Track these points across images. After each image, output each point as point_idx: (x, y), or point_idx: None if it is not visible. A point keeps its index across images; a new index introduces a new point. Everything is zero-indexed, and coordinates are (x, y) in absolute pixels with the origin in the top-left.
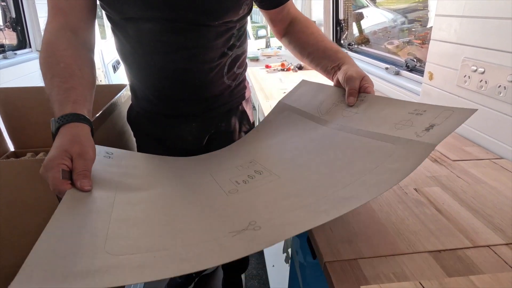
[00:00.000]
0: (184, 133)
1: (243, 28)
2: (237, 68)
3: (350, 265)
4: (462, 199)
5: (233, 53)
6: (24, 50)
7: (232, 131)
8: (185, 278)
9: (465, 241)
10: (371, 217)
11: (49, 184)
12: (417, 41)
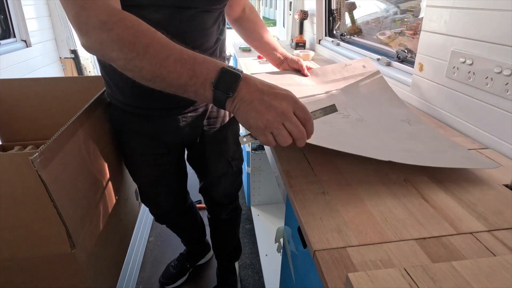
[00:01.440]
0: (181, 124)
1: (223, 12)
2: (223, 52)
3: (339, 253)
4: (448, 188)
5: (222, 37)
6: (8, 40)
7: (223, 116)
8: (179, 269)
9: (450, 229)
10: (360, 206)
11: (281, 117)
12: (409, 31)
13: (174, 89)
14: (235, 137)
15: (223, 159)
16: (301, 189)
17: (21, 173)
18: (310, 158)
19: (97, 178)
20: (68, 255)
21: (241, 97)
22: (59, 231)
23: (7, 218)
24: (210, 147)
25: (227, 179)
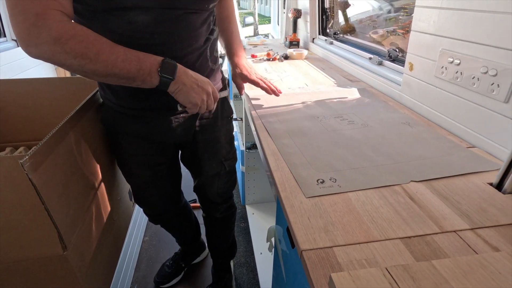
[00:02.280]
0: (173, 125)
1: (214, 11)
2: (215, 52)
3: (326, 253)
4: (434, 186)
5: (213, 37)
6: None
7: (216, 117)
8: (174, 268)
9: (434, 227)
10: (347, 206)
11: (206, 96)
12: (401, 30)
13: (124, 81)
14: (228, 137)
15: (216, 159)
16: (291, 190)
17: (11, 176)
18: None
19: (89, 180)
20: (60, 257)
21: (182, 81)
22: (51, 233)
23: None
24: (203, 147)
25: (221, 179)
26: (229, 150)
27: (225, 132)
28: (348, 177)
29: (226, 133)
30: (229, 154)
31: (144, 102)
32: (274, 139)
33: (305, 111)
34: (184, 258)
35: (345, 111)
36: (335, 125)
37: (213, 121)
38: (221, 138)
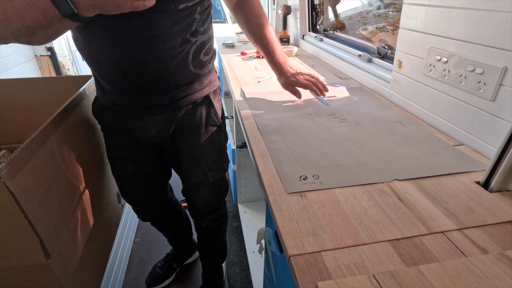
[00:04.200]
0: (148, 125)
1: (206, 12)
2: (203, 56)
3: (314, 258)
4: (422, 186)
5: (197, 39)
6: None
7: (198, 124)
8: (166, 269)
9: (422, 228)
10: (336, 208)
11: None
12: (390, 27)
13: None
14: (214, 147)
15: (198, 168)
16: (279, 193)
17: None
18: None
19: (73, 184)
20: (43, 266)
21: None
22: (32, 242)
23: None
24: (184, 154)
25: (205, 189)
26: (215, 160)
27: (211, 141)
28: (331, 174)
29: (211, 142)
30: (215, 165)
31: (124, 98)
32: (264, 136)
33: (296, 110)
34: (175, 258)
35: (338, 109)
36: (326, 123)
37: (194, 128)
38: (205, 147)
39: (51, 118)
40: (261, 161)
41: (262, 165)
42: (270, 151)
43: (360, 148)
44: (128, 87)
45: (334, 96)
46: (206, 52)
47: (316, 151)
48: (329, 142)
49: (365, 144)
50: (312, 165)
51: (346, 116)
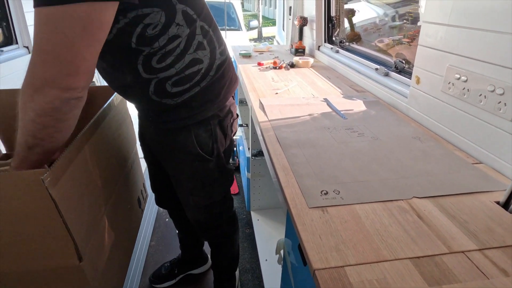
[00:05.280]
0: (146, 132)
1: (164, 50)
2: (172, 87)
3: (338, 272)
4: (442, 205)
5: (157, 75)
6: (11, 47)
7: (174, 149)
8: (169, 272)
9: (442, 247)
10: (357, 224)
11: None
12: (407, 39)
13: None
14: (197, 175)
15: (181, 189)
16: (302, 207)
17: (32, 191)
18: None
19: (102, 191)
20: (75, 268)
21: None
22: (67, 244)
23: (17, 232)
24: (169, 171)
25: (191, 209)
26: (198, 188)
27: (193, 169)
28: (351, 190)
29: (194, 170)
30: (198, 191)
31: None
32: (284, 149)
33: (315, 123)
34: (179, 264)
35: (356, 123)
36: (344, 137)
37: (172, 152)
38: (186, 172)
39: (85, 128)
40: (282, 174)
41: (284, 179)
42: (291, 164)
43: (378, 164)
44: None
45: (351, 109)
46: (176, 83)
47: (335, 166)
48: (348, 157)
49: (384, 160)
50: (332, 180)
51: (364, 130)
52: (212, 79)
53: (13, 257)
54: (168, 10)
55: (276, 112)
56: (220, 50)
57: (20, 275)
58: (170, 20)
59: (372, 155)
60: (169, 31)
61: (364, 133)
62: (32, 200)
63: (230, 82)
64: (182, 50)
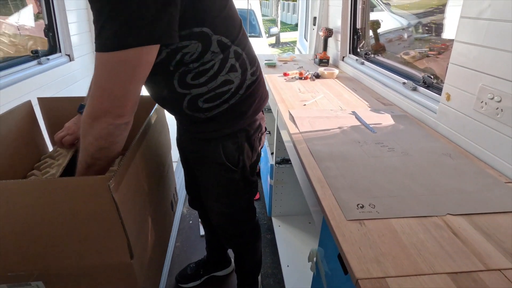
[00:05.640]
0: (183, 139)
1: (198, 70)
2: (203, 103)
3: (379, 283)
4: (476, 223)
5: (191, 91)
6: (55, 55)
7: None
8: (194, 272)
9: (479, 264)
10: (394, 238)
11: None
12: (433, 52)
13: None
14: (222, 183)
15: (207, 194)
16: (340, 219)
17: (98, 194)
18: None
19: (147, 194)
20: (127, 265)
21: None
22: (122, 243)
23: (80, 231)
24: (199, 177)
25: (215, 216)
26: (222, 195)
27: (218, 177)
28: (386, 204)
29: (219, 179)
30: (222, 199)
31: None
32: (318, 162)
33: (345, 136)
34: (204, 266)
35: (385, 137)
36: (375, 152)
37: (201, 159)
38: (211, 179)
39: (135, 139)
40: (319, 186)
41: (320, 191)
42: (326, 177)
43: (411, 180)
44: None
45: (380, 123)
46: (207, 100)
47: (369, 180)
48: (380, 171)
49: (415, 175)
50: (367, 193)
51: (394, 145)
52: (241, 97)
53: (73, 253)
54: (204, 41)
55: (307, 124)
56: (251, 71)
57: (78, 269)
58: (206, 49)
59: (404, 171)
60: (204, 57)
61: (394, 148)
62: (97, 202)
63: (260, 99)
64: (216, 72)
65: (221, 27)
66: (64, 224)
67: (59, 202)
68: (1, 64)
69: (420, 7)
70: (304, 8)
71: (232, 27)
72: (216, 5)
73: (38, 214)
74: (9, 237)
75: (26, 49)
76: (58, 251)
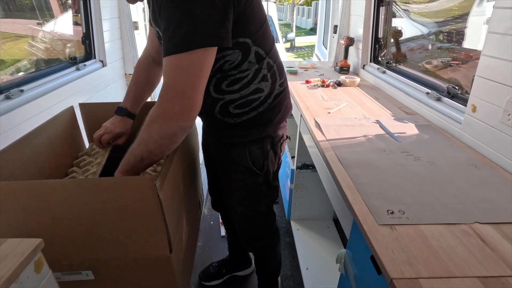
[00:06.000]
0: (209, 143)
1: (234, 77)
2: (234, 109)
3: (413, 283)
4: (503, 230)
5: (224, 97)
6: (91, 61)
7: (230, 160)
8: (217, 271)
9: (508, 270)
10: (425, 243)
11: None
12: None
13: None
14: (246, 186)
15: (231, 197)
16: (372, 223)
17: (144, 193)
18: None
19: (182, 194)
20: (166, 258)
21: None
22: (163, 238)
23: (127, 226)
24: (223, 180)
25: (237, 219)
26: (245, 198)
27: (243, 180)
28: (415, 211)
29: (243, 182)
30: (245, 202)
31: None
32: (346, 169)
33: (370, 144)
34: (227, 265)
35: (410, 146)
36: (401, 161)
37: (227, 162)
38: (237, 182)
39: None
40: (349, 192)
41: (351, 197)
42: (355, 184)
43: (438, 189)
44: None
45: (404, 132)
46: (237, 106)
47: (397, 188)
48: (408, 180)
49: (443, 185)
50: (396, 200)
51: (419, 154)
52: (269, 106)
53: (120, 246)
54: (245, 51)
55: (333, 131)
56: (280, 82)
57: (123, 261)
58: (245, 58)
59: (431, 180)
60: (241, 66)
61: (420, 157)
62: (143, 200)
63: (285, 109)
64: (249, 80)
65: (260, 40)
66: (113, 220)
67: (109, 200)
68: (46, 71)
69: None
70: (323, 15)
71: (268, 41)
72: (258, 20)
73: (89, 210)
74: (65, 231)
75: (59, 53)
76: (106, 245)
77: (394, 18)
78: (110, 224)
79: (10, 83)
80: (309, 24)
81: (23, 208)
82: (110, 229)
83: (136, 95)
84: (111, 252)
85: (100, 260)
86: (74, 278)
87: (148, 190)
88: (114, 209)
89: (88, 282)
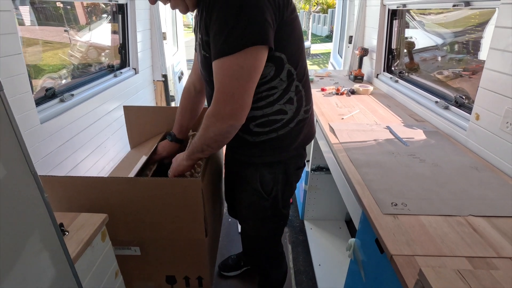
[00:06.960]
0: (227, 156)
1: (261, 95)
2: (254, 127)
3: (409, 259)
4: (495, 224)
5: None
6: (125, 69)
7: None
8: (235, 263)
9: (492, 253)
10: (422, 229)
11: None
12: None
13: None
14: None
15: (240, 211)
16: (377, 213)
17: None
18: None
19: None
20: (202, 241)
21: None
22: (201, 224)
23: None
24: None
25: (242, 231)
26: (249, 217)
27: (250, 200)
28: (416, 204)
29: (250, 202)
30: (248, 221)
31: None
32: (357, 168)
33: (380, 147)
34: (244, 258)
35: (417, 150)
36: (408, 162)
37: (236, 179)
38: (244, 200)
39: None
40: (359, 187)
41: (360, 191)
42: (364, 180)
43: (439, 187)
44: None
45: (412, 137)
46: (258, 124)
47: (402, 185)
48: (412, 178)
49: (444, 184)
50: (400, 195)
51: (425, 157)
52: (290, 131)
53: (165, 229)
54: (278, 67)
55: (345, 135)
56: (305, 108)
57: (166, 240)
58: (277, 74)
59: (433, 179)
60: (272, 83)
61: (425, 160)
62: (189, 192)
63: (305, 137)
64: (275, 99)
65: (294, 59)
66: (162, 208)
67: (160, 194)
68: (90, 77)
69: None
70: (339, 24)
71: (301, 64)
72: (297, 39)
73: (143, 201)
74: (120, 216)
75: (91, 59)
76: (154, 227)
77: (407, 29)
78: (159, 212)
79: (64, 87)
80: (325, 32)
81: (91, 197)
82: (159, 216)
83: (181, 123)
84: (157, 234)
85: (147, 239)
86: (124, 253)
87: (194, 185)
88: (164, 201)
89: (135, 257)
